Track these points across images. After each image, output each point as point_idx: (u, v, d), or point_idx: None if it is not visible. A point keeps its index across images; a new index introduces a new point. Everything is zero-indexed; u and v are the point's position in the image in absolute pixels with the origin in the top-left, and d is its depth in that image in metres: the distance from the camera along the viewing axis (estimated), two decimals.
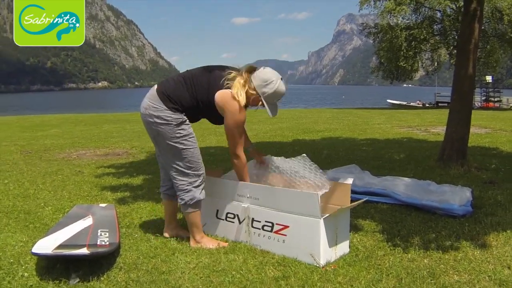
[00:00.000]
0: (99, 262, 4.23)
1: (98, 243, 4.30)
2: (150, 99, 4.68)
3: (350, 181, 4.77)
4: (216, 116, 4.70)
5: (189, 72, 4.82)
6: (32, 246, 4.24)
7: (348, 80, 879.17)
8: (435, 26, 45.43)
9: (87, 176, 8.92)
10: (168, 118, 4.58)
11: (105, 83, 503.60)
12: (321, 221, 4.21)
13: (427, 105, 53.55)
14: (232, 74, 4.63)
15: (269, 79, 4.58)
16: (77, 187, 7.92)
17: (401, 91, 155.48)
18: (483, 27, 33.79)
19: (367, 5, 44.54)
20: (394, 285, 3.78)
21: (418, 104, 55.80)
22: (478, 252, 4.47)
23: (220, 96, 4.54)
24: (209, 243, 4.83)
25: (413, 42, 44.11)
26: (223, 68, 4.75)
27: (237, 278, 3.94)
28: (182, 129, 4.63)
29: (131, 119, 27.19)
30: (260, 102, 4.67)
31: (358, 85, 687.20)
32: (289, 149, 11.88)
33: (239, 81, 4.60)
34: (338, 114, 29.75)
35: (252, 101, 4.66)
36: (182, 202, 4.79)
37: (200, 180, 4.79)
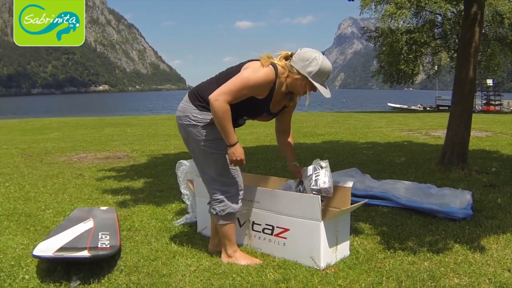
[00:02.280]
0: (100, 265, 4.24)
1: (99, 246, 4.32)
2: (183, 100, 4.48)
3: (350, 184, 4.77)
4: (248, 105, 4.25)
5: (228, 68, 4.45)
6: (33, 248, 4.26)
7: (349, 83, 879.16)
8: (435, 30, 45.47)
9: (88, 179, 8.92)
10: (195, 118, 4.28)
11: (106, 87, 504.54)
12: (322, 224, 4.21)
13: (428, 108, 53.64)
14: (265, 56, 4.23)
15: (311, 56, 4.14)
16: (78, 190, 7.93)
17: (402, 95, 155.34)
18: (484, 31, 33.83)
19: (368, 9, 44.54)
20: None
21: (419, 107, 55.85)
22: (478, 255, 4.47)
23: (244, 67, 4.22)
24: (242, 259, 4.44)
25: (414, 46, 44.13)
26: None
27: (237, 281, 3.95)
28: (210, 131, 4.27)
29: (132, 122, 27.24)
30: (308, 87, 4.19)
31: (359, 89, 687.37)
32: None
33: (279, 60, 4.25)
34: (338, 117, 29.78)
35: (300, 87, 4.22)
36: (214, 213, 4.42)
37: (234, 189, 4.40)
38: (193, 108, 4.31)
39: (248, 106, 4.26)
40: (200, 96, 4.32)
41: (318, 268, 4.20)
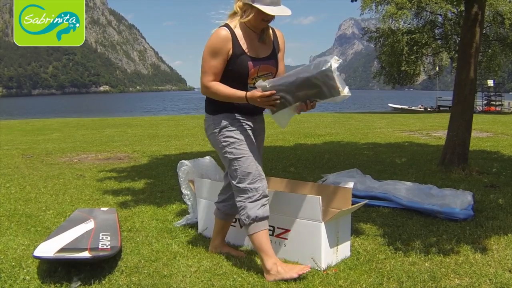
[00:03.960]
0: (101, 266, 4.24)
1: (99, 246, 4.32)
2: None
3: (351, 185, 4.76)
4: (233, 71, 4.10)
5: None
6: (34, 249, 4.26)
7: (349, 84, 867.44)
8: (436, 30, 45.61)
9: (89, 180, 8.92)
10: (211, 126, 4.21)
11: (107, 87, 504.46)
12: (322, 225, 4.21)
13: (428, 109, 53.59)
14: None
15: None
16: (78, 191, 7.93)
17: (402, 95, 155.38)
18: (484, 31, 33.84)
19: (368, 10, 44.58)
20: None
21: (420, 108, 55.82)
22: (479, 256, 4.47)
23: None
24: (286, 272, 3.98)
25: (415, 47, 44.20)
26: None
27: (238, 282, 3.95)
28: (226, 136, 4.13)
29: (133, 123, 27.22)
30: (256, 14, 3.97)
31: (359, 90, 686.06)
32: (291, 153, 11.89)
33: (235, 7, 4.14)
34: (339, 118, 29.74)
35: (253, 19, 4.02)
36: (241, 222, 4.21)
37: (258, 195, 4.08)
38: (208, 115, 4.29)
39: (233, 71, 4.11)
40: (207, 102, 4.30)
41: (319, 269, 4.20)
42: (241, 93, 3.99)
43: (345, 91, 3.80)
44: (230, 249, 4.76)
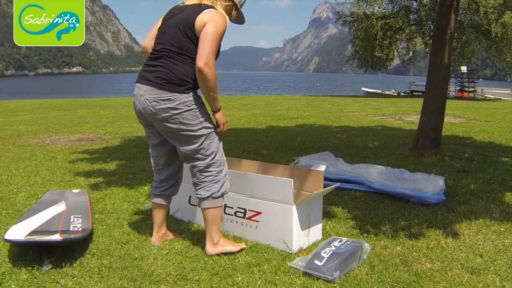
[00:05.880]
0: (72, 248, 4.21)
1: (71, 229, 4.29)
2: (154, 95, 3.96)
3: (323, 168, 4.77)
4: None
5: (163, 40, 4.14)
6: (5, 232, 4.20)
7: (323, 67, 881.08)
8: (411, 16, 45.58)
9: (61, 161, 8.85)
10: (186, 103, 3.96)
11: (80, 68, 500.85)
12: (294, 208, 4.21)
13: (402, 93, 53.76)
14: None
15: None
16: (50, 172, 7.87)
17: (376, 80, 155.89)
18: (459, 18, 33.98)
19: None
20: (366, 272, 3.80)
21: (393, 92, 55.94)
22: (451, 240, 4.50)
23: (205, 20, 3.96)
24: (229, 246, 4.21)
25: (389, 32, 44.19)
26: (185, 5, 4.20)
27: (209, 264, 3.94)
28: (203, 112, 4.08)
29: (105, 104, 27.06)
30: (233, 14, 4.28)
31: (333, 73, 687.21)
32: (263, 136, 11.89)
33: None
34: (312, 101, 29.79)
35: (228, 12, 4.22)
36: (207, 194, 4.11)
37: (226, 168, 4.26)
38: (177, 94, 3.94)
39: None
40: (183, 80, 3.97)
41: (290, 252, 4.20)
42: (219, 102, 4.17)
43: None
44: (174, 233, 4.74)
